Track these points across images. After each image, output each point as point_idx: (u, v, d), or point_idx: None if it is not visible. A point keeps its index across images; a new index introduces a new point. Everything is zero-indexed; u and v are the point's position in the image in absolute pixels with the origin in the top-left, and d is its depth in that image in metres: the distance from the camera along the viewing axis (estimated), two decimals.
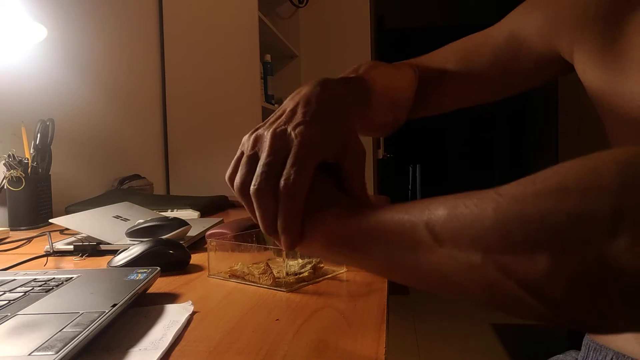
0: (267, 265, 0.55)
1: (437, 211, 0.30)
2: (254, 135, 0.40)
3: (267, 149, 0.38)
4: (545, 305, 0.26)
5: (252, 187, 0.37)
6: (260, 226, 0.38)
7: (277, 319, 0.44)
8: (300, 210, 0.37)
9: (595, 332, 0.44)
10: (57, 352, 0.32)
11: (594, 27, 0.55)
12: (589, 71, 0.56)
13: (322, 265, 0.59)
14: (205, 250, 0.66)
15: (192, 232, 0.80)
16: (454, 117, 5.19)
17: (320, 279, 0.57)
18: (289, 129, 0.38)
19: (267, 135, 0.39)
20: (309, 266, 0.58)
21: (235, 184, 0.39)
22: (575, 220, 0.24)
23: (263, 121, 0.41)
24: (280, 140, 0.38)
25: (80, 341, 0.34)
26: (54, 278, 0.51)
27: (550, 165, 0.28)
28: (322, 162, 0.39)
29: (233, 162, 0.40)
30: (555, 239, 0.25)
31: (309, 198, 0.37)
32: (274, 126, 0.39)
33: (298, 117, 0.39)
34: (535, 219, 0.25)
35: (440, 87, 0.68)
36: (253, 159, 0.39)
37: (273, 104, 2.28)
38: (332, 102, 0.41)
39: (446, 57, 0.70)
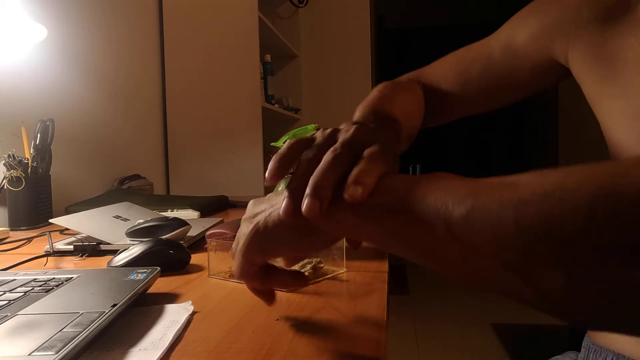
0: None
1: (455, 211, 0.30)
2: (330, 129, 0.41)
3: (352, 132, 0.39)
4: (557, 310, 0.28)
5: (336, 145, 0.37)
6: (318, 175, 0.35)
7: (277, 319, 0.44)
8: (379, 172, 0.35)
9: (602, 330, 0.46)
10: (57, 352, 0.32)
11: (587, 29, 0.56)
12: (585, 73, 0.56)
13: (322, 265, 0.59)
14: (205, 250, 0.66)
15: (192, 232, 0.80)
16: None
17: (320, 279, 0.57)
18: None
19: (351, 128, 0.40)
20: (308, 266, 0.58)
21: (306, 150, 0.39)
22: (599, 252, 0.25)
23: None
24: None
25: (80, 341, 0.34)
26: (54, 278, 0.51)
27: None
28: None
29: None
30: (577, 261, 0.25)
31: None
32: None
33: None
34: (559, 238, 0.25)
35: (443, 102, 0.70)
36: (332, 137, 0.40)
37: (273, 104, 2.28)
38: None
39: (444, 72, 0.71)
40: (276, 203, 0.38)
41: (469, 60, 0.69)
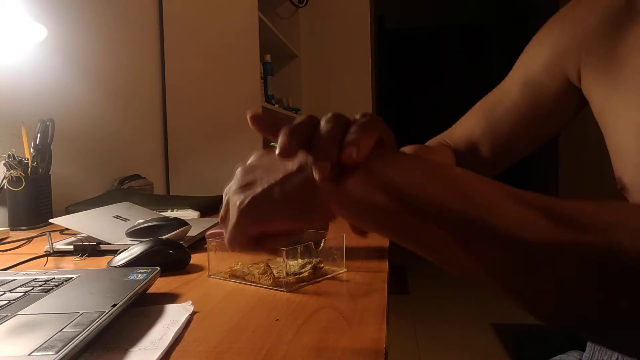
0: (267, 265, 0.55)
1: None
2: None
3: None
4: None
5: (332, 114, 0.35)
6: (322, 139, 0.33)
7: (277, 319, 0.44)
8: (375, 134, 0.33)
9: None
10: (57, 352, 0.32)
11: (597, 42, 0.56)
12: (593, 86, 0.57)
13: (322, 265, 0.59)
14: (205, 250, 0.66)
15: (192, 232, 0.80)
16: (455, 117, 5.18)
17: (320, 279, 0.57)
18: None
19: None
20: (308, 266, 0.58)
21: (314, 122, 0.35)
22: None
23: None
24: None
25: (80, 341, 0.34)
26: (54, 278, 0.51)
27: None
28: None
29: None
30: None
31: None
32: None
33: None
34: None
35: (475, 158, 0.70)
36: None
37: (273, 104, 2.28)
38: None
39: (471, 125, 0.71)
40: (276, 173, 0.35)
41: (490, 107, 0.70)
